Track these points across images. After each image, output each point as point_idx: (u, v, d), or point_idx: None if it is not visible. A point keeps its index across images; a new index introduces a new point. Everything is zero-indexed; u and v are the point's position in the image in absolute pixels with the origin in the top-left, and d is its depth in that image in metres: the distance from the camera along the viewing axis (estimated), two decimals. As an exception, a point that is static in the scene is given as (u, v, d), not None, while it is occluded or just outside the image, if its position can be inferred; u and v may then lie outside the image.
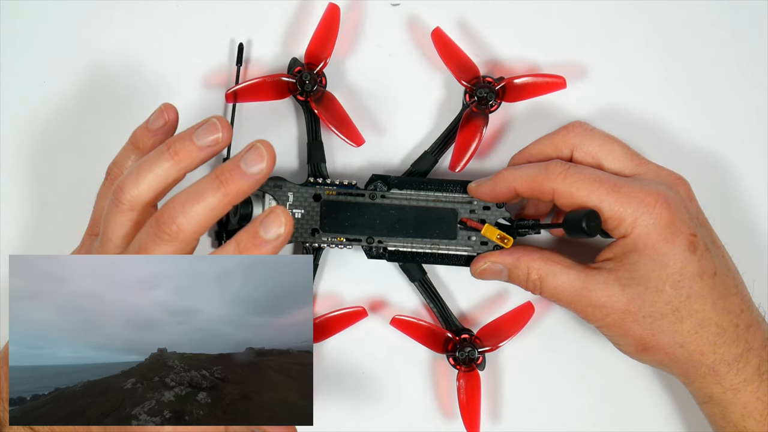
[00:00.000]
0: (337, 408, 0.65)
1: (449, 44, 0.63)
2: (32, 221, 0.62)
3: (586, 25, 0.66)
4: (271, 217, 0.52)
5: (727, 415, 0.57)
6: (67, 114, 0.64)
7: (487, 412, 0.65)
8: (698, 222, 0.58)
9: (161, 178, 0.54)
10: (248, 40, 0.65)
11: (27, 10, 0.65)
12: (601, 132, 0.60)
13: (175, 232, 0.52)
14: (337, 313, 0.62)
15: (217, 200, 0.52)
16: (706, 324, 0.56)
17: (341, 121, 0.63)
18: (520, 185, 0.58)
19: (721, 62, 0.66)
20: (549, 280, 0.58)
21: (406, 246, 0.62)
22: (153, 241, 0.52)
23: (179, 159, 0.53)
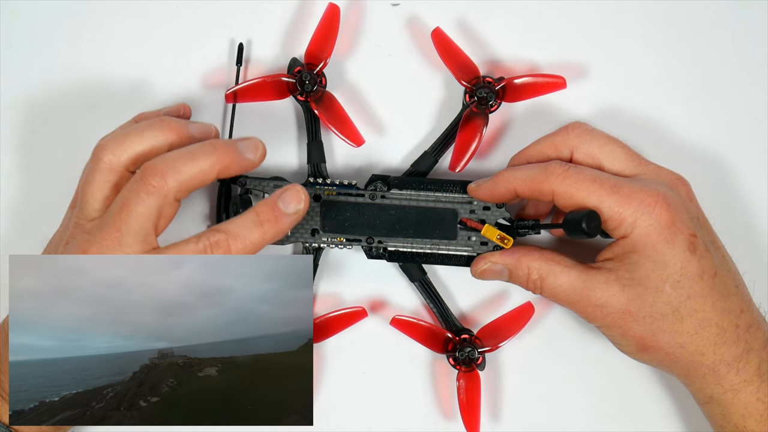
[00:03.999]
0: (337, 408, 0.65)
1: (449, 44, 0.63)
2: (32, 221, 0.62)
3: (586, 25, 0.66)
4: (291, 192, 0.54)
5: (728, 415, 0.57)
6: (66, 114, 0.64)
7: (487, 412, 0.65)
8: (698, 222, 0.58)
9: (146, 144, 0.55)
10: (248, 40, 0.65)
11: (27, 10, 0.65)
12: (601, 132, 0.60)
13: (160, 185, 0.53)
14: (337, 313, 0.62)
15: (208, 165, 0.53)
16: (706, 324, 0.56)
17: (341, 121, 0.63)
18: (520, 186, 0.58)
19: (721, 62, 0.66)
20: (549, 279, 0.58)
21: (406, 246, 0.62)
22: (136, 195, 0.53)
23: (170, 133, 0.55)
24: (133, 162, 0.55)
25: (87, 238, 0.54)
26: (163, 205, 0.54)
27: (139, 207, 0.53)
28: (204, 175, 0.54)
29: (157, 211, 0.54)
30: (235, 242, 0.54)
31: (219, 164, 0.54)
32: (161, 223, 0.55)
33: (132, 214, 0.53)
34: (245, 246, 0.54)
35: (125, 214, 0.53)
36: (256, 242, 0.55)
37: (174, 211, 0.55)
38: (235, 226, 0.55)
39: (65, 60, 0.65)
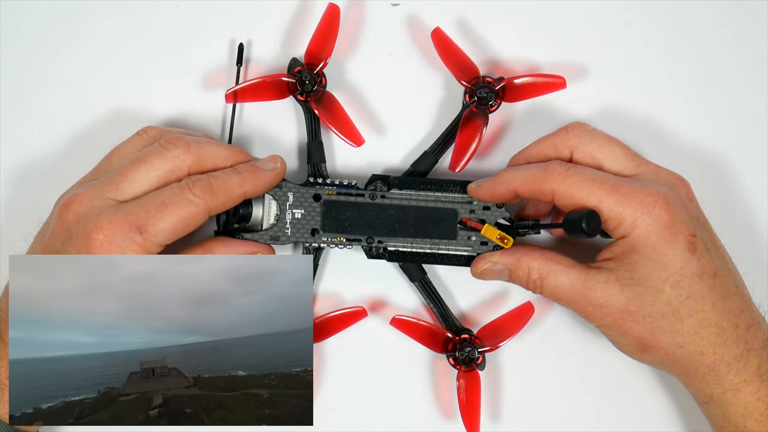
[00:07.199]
0: (337, 408, 0.65)
1: (449, 44, 0.63)
2: (32, 221, 0.62)
3: (586, 25, 0.66)
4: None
5: (728, 415, 0.57)
6: (66, 114, 0.64)
7: (487, 412, 0.65)
8: (698, 222, 0.58)
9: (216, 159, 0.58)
10: (248, 40, 0.65)
11: (27, 10, 0.65)
12: (601, 133, 0.60)
13: (181, 153, 0.56)
14: (337, 313, 0.62)
15: (228, 152, 0.58)
16: (706, 324, 0.56)
17: (341, 121, 0.63)
18: (520, 186, 0.58)
19: (721, 62, 0.66)
20: (549, 279, 0.58)
21: (406, 246, 0.62)
22: (156, 152, 0.56)
23: (238, 155, 0.59)
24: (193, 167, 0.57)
25: (112, 212, 0.55)
26: (172, 172, 0.56)
27: (153, 162, 0.56)
28: (220, 157, 0.58)
29: (167, 173, 0.56)
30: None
31: (233, 159, 0.58)
32: (183, 232, 0.56)
33: (169, 215, 0.55)
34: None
35: (163, 212, 0.55)
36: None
37: (178, 177, 0.57)
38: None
39: (65, 60, 0.65)
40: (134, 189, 0.56)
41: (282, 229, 0.61)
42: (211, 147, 0.58)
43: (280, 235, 0.60)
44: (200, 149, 0.57)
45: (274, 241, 0.60)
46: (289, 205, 0.61)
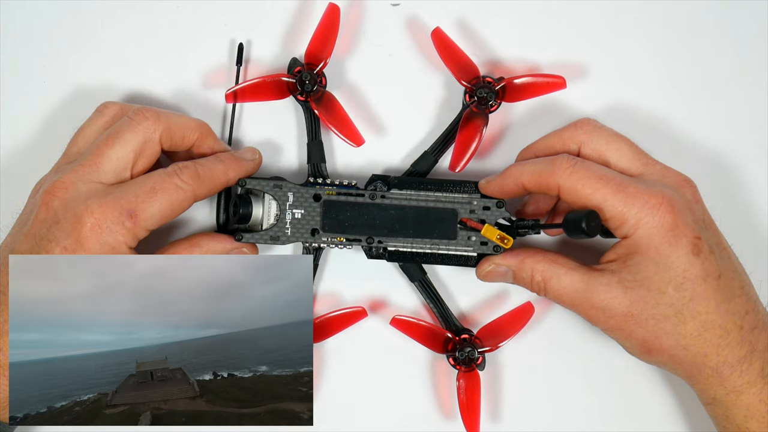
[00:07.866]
0: (337, 408, 0.64)
1: (449, 44, 0.63)
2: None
3: (586, 25, 0.66)
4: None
5: (730, 416, 0.57)
6: (66, 113, 0.64)
7: (487, 412, 0.64)
8: (704, 224, 0.57)
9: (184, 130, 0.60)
10: (248, 40, 0.65)
11: (27, 10, 0.65)
12: (610, 129, 0.59)
13: (151, 124, 0.57)
14: (337, 313, 0.62)
15: (195, 124, 0.59)
16: (710, 326, 0.56)
17: (341, 121, 0.63)
18: (528, 180, 0.58)
19: (722, 61, 0.66)
20: (553, 282, 0.58)
21: (406, 246, 0.62)
22: (128, 126, 0.57)
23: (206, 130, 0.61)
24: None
25: (101, 196, 0.55)
26: (144, 140, 0.57)
27: (124, 136, 0.57)
28: (188, 134, 0.59)
29: (141, 146, 0.57)
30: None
31: (230, 172, 0.59)
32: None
33: (159, 201, 0.56)
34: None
35: (153, 197, 0.56)
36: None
37: (154, 154, 0.58)
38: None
39: (65, 60, 0.65)
40: (114, 167, 0.57)
41: (282, 229, 0.60)
42: (179, 117, 0.59)
43: (280, 235, 0.60)
44: (169, 119, 0.58)
45: (274, 241, 0.60)
46: (289, 205, 0.61)
